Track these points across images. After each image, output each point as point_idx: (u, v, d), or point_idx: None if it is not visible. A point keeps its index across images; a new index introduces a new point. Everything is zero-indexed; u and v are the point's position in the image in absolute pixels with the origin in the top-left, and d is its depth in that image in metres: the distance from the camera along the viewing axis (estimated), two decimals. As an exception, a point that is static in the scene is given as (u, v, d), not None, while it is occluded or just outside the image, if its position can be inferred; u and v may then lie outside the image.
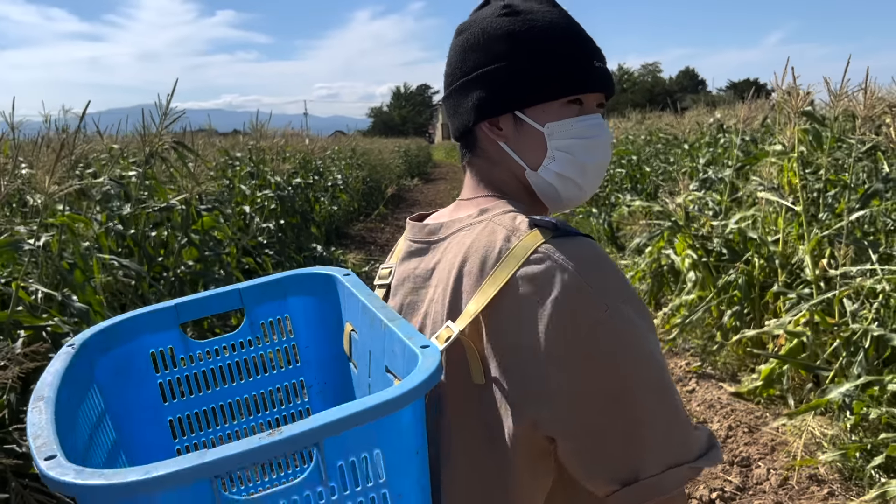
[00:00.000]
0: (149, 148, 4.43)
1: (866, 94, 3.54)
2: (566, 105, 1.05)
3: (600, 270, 0.92)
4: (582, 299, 0.89)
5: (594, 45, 1.09)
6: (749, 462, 3.41)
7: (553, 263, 0.91)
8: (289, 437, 0.71)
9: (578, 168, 1.07)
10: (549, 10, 1.08)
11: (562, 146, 1.06)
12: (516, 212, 1.03)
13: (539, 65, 1.04)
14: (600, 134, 1.07)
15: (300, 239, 8.31)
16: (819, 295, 3.78)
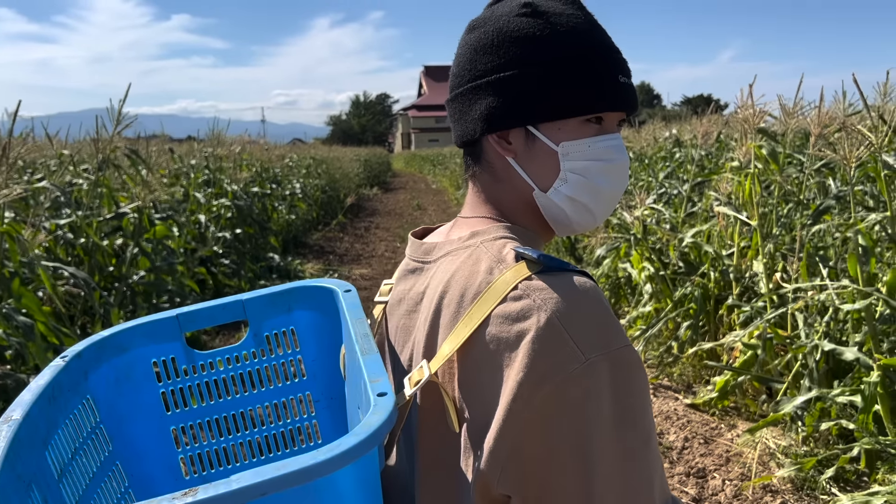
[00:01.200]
0: (101, 154, 4.32)
1: (819, 111, 3.62)
2: (584, 123, 0.95)
3: (584, 315, 0.82)
4: (556, 349, 0.79)
5: (620, 57, 0.98)
6: (705, 473, 3.44)
7: (531, 303, 0.83)
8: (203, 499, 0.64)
9: (592, 193, 0.97)
10: (573, 14, 0.97)
11: (576, 168, 0.96)
12: (508, 238, 0.95)
13: (559, 76, 0.93)
14: (619, 157, 0.97)
15: (257, 248, 8.19)
16: (772, 308, 3.84)
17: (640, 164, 9.58)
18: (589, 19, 0.98)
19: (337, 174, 17.83)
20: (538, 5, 0.97)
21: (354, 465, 0.71)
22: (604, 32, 0.98)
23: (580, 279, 0.86)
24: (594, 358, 0.79)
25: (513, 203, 1.01)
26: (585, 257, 7.51)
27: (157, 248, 4.83)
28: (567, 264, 0.88)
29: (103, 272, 4.40)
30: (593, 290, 0.85)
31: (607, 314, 0.83)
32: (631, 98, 0.97)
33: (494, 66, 0.96)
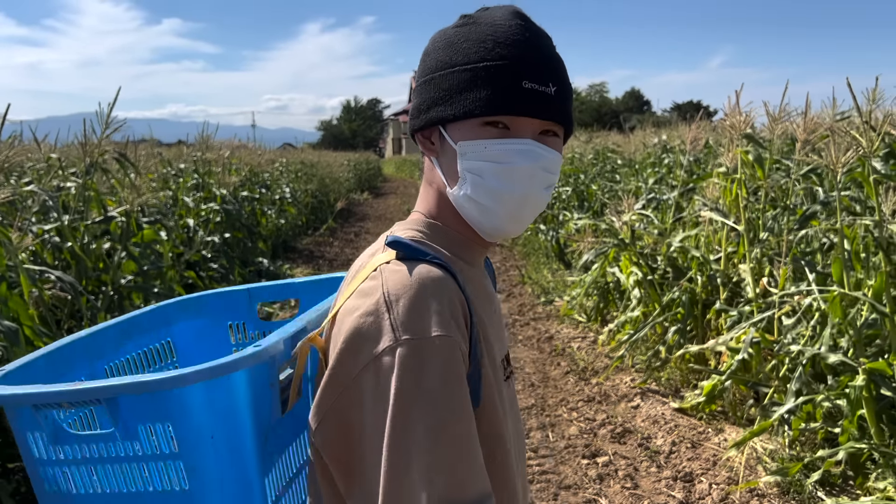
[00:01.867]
0: (89, 158, 4.31)
1: (806, 118, 3.65)
2: (483, 126, 0.99)
3: (411, 300, 0.91)
4: (378, 324, 0.90)
5: (533, 64, 0.99)
6: (692, 477, 3.45)
7: (378, 283, 0.94)
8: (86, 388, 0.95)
9: (490, 194, 1.00)
10: (501, 24, 1.01)
11: (472, 168, 1.00)
12: (405, 229, 1.05)
13: (462, 81, 1.00)
14: (519, 161, 0.99)
15: (246, 253, 8.17)
16: (759, 313, 3.86)
17: (629, 169, 9.62)
18: (516, 28, 1.01)
19: (327, 179, 17.81)
20: (474, 18, 1.04)
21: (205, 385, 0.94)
22: (529, 41, 1.00)
23: (427, 268, 0.95)
24: (404, 340, 0.88)
25: (438, 202, 1.08)
26: (574, 262, 7.53)
27: (144, 252, 4.81)
28: (426, 254, 0.98)
29: (90, 276, 4.38)
30: (432, 280, 0.94)
31: (434, 303, 0.91)
32: (536, 105, 0.98)
33: (423, 70, 1.06)
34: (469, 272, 1.06)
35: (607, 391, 4.58)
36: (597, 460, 3.67)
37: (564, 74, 1.03)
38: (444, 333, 0.90)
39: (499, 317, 1.13)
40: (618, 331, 5.32)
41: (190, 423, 0.96)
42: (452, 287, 0.95)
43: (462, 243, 1.07)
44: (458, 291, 0.96)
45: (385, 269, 0.96)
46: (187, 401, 0.96)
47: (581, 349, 5.47)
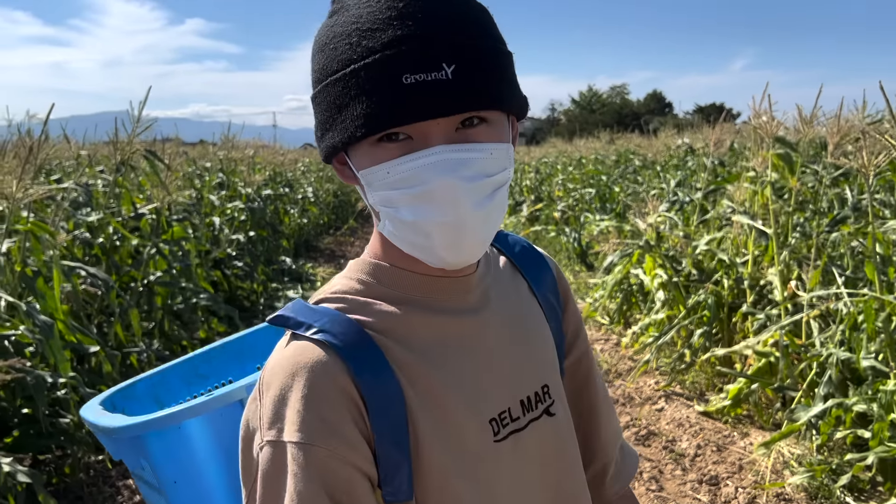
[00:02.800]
0: (119, 156, 4.37)
1: (839, 120, 3.63)
2: (377, 145, 0.77)
3: (277, 392, 0.79)
4: (254, 413, 0.81)
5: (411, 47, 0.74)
6: (717, 481, 3.44)
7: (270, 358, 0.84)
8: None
9: (412, 229, 0.78)
10: (367, 2, 0.78)
11: (381, 200, 0.79)
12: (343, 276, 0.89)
13: (333, 95, 0.78)
14: (432, 178, 0.75)
15: (269, 251, 8.23)
16: (787, 316, 3.84)
17: (651, 171, 9.58)
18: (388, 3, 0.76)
19: (348, 179, 17.87)
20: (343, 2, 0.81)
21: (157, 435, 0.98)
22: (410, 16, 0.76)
23: (301, 349, 0.80)
24: (266, 441, 0.78)
25: (377, 236, 0.89)
26: (597, 264, 7.52)
27: (172, 250, 4.87)
28: (308, 327, 0.81)
29: (121, 272, 4.44)
30: (301, 367, 0.79)
31: (295, 398, 0.77)
32: (427, 101, 0.74)
33: (311, 81, 0.84)
34: (419, 322, 0.85)
35: (631, 394, 4.57)
36: (621, 462, 3.66)
37: (470, 37, 0.77)
38: (298, 440, 0.76)
39: (492, 360, 0.89)
40: (641, 333, 5.30)
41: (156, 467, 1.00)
42: (330, 372, 0.78)
43: (418, 284, 0.86)
44: (340, 376, 0.78)
45: (278, 345, 0.85)
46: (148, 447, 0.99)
47: (604, 351, 5.46)
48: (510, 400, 0.90)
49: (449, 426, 0.84)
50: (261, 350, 1.32)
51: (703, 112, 40.90)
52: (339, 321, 0.82)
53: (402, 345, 0.83)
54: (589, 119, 46.47)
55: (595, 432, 1.05)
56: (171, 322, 4.74)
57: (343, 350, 0.79)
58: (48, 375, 3.00)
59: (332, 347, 0.80)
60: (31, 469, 2.85)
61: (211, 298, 4.98)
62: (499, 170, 0.79)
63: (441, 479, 0.83)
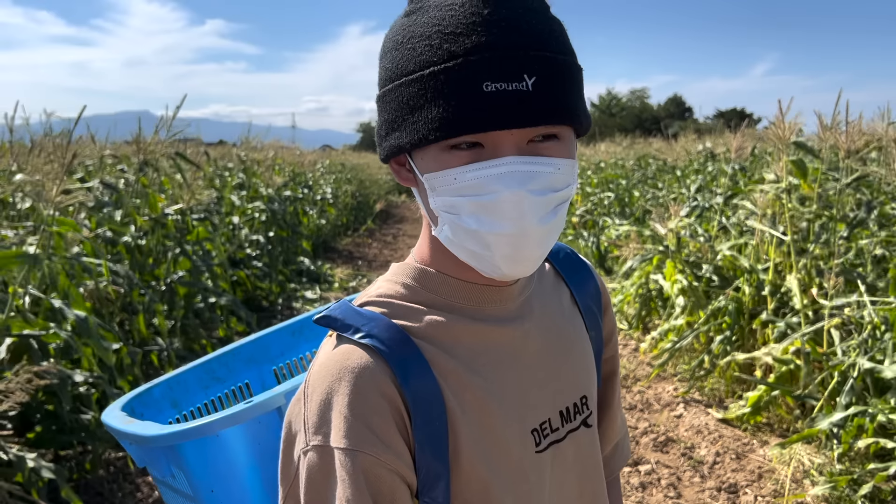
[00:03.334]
0: (143, 156, 4.42)
1: (859, 125, 3.60)
2: (448, 151, 0.77)
3: (322, 396, 0.79)
4: (297, 417, 0.81)
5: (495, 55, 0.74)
6: (736, 489, 3.41)
7: (313, 362, 0.84)
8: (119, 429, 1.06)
9: (473, 237, 0.78)
10: (451, 5, 0.76)
11: (445, 205, 0.79)
12: (387, 280, 0.89)
13: (407, 96, 0.77)
14: (502, 189, 0.75)
15: (288, 252, 8.27)
16: (807, 323, 3.80)
17: (671, 176, 9.53)
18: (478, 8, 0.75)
19: (366, 180, 17.95)
20: (423, 2, 0.80)
21: (195, 444, 0.97)
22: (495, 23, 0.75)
23: (348, 353, 0.80)
24: (312, 446, 0.78)
25: (430, 243, 0.87)
26: (616, 268, 7.48)
27: (194, 249, 4.91)
28: (355, 330, 0.81)
29: (143, 271, 4.49)
30: (349, 371, 0.78)
31: (342, 403, 0.77)
32: (507, 111, 0.73)
33: (378, 81, 0.84)
34: (462, 330, 0.85)
35: (649, 399, 4.55)
36: (639, 468, 3.65)
37: (550, 50, 0.76)
38: (344, 446, 0.76)
39: (533, 370, 0.89)
40: (660, 339, 5.27)
41: (192, 476, 0.99)
42: (375, 378, 0.78)
43: (465, 292, 0.86)
44: (384, 382, 0.78)
45: (323, 345, 0.85)
46: (184, 456, 0.98)
47: (623, 356, 5.43)
48: (551, 410, 0.90)
49: (491, 436, 0.83)
50: (276, 352, 1.32)
51: (723, 117, 40.63)
52: (385, 326, 0.81)
53: (446, 352, 0.82)
54: (608, 123, 46.32)
55: (604, 427, 1.07)
56: (192, 321, 4.79)
57: (389, 356, 0.79)
58: (73, 373, 3.04)
59: (378, 353, 0.79)
60: (54, 464, 2.89)
61: (231, 299, 5.02)
62: (564, 185, 0.79)
63: (481, 491, 0.82)
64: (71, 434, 3.27)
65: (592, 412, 0.95)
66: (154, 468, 1.05)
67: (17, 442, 2.76)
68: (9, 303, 2.69)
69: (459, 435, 0.81)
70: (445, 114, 0.74)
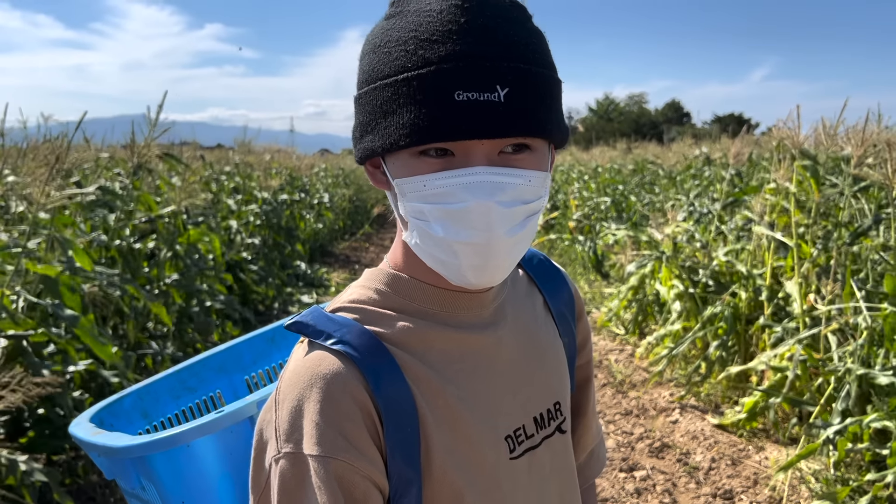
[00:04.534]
0: (137, 158, 4.40)
1: (864, 132, 3.59)
2: (418, 157, 0.77)
3: (294, 403, 0.78)
4: (269, 425, 0.80)
5: (468, 64, 0.73)
6: (732, 495, 3.40)
7: (284, 369, 0.83)
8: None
9: (440, 245, 0.78)
10: (429, 10, 0.76)
11: (413, 211, 0.79)
12: (359, 286, 0.88)
13: (380, 99, 0.77)
14: (468, 198, 0.75)
15: (284, 256, 8.26)
16: (805, 329, 3.79)
17: (668, 181, 9.53)
18: (456, 15, 0.75)
19: (364, 184, 17.94)
20: (403, 5, 0.79)
21: (164, 455, 0.95)
22: (470, 32, 0.74)
23: (319, 359, 0.79)
24: (284, 453, 0.77)
25: (403, 247, 0.87)
26: (612, 273, 7.48)
27: (188, 253, 4.89)
28: (327, 336, 0.80)
29: (137, 274, 4.47)
30: (320, 377, 0.78)
31: (314, 409, 0.77)
32: (477, 121, 0.73)
33: (357, 81, 0.83)
34: (435, 336, 0.84)
35: (645, 405, 4.53)
36: (634, 474, 3.63)
37: (525, 61, 0.76)
38: (317, 453, 0.75)
39: (508, 377, 0.89)
40: (657, 344, 5.26)
41: (162, 488, 0.97)
42: (347, 385, 0.77)
43: (437, 298, 0.85)
44: (356, 388, 0.77)
45: (294, 352, 0.84)
46: (154, 467, 0.96)
47: (619, 362, 5.42)
48: (524, 417, 0.89)
49: (464, 444, 0.83)
50: (248, 361, 1.30)
51: (721, 122, 40.69)
52: (357, 332, 0.81)
53: (418, 359, 0.82)
54: (606, 128, 46.34)
55: (579, 434, 1.07)
56: (186, 325, 4.76)
57: (361, 362, 0.78)
58: (74, 367, 3.02)
59: (350, 359, 0.79)
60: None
61: (226, 302, 5.00)
62: (534, 197, 0.79)
63: (453, 498, 0.82)
64: (64, 439, 3.24)
65: (566, 418, 0.95)
66: (123, 480, 1.03)
67: (10, 447, 2.74)
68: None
69: (431, 442, 0.80)
70: (416, 120, 0.74)
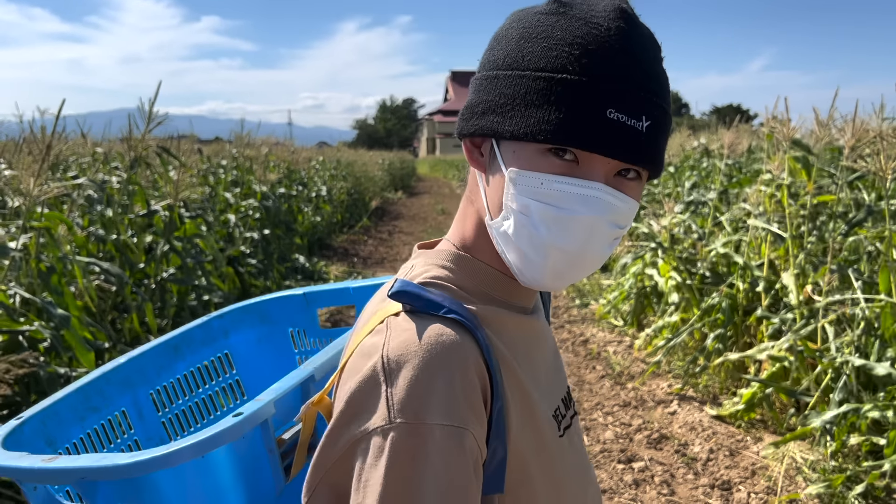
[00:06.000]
0: (133, 152, 4.39)
1: (854, 123, 3.59)
2: (544, 153, 0.78)
3: (412, 373, 0.74)
4: (373, 396, 0.75)
5: (626, 87, 0.76)
6: (730, 485, 3.41)
7: (381, 341, 0.78)
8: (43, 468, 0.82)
9: (535, 244, 0.79)
10: (597, 23, 0.78)
11: (520, 204, 0.79)
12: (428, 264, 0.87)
13: (527, 89, 0.78)
14: (581, 210, 0.77)
15: (283, 249, 8.25)
16: (802, 320, 3.80)
17: (666, 173, 9.51)
18: (622, 38, 0.78)
19: (362, 178, 17.91)
20: (567, 6, 0.81)
21: (171, 471, 0.83)
22: (633, 57, 0.78)
23: (439, 330, 0.77)
24: (399, 423, 0.73)
25: (475, 229, 0.88)
26: (611, 265, 7.48)
27: (186, 247, 4.89)
28: (440, 307, 0.79)
29: (133, 269, 4.46)
30: (443, 348, 0.76)
31: (440, 381, 0.74)
32: (620, 142, 0.76)
33: (489, 60, 0.84)
34: (505, 318, 0.87)
35: (643, 396, 4.54)
36: (633, 465, 3.64)
37: (665, 102, 0.80)
38: (448, 423, 0.73)
39: (550, 360, 0.95)
40: (655, 335, 5.27)
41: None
42: (469, 355, 0.77)
43: (501, 283, 0.88)
44: (476, 360, 0.78)
45: (392, 323, 0.80)
46: (159, 486, 0.85)
47: (617, 353, 5.43)
48: (559, 397, 0.94)
49: (531, 419, 0.85)
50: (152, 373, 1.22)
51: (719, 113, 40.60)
52: (459, 305, 0.81)
53: (497, 337, 0.83)
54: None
55: None
56: (185, 319, 4.76)
57: (476, 333, 0.79)
58: (61, 370, 3.02)
59: (467, 330, 0.79)
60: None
61: (224, 296, 4.99)
62: (626, 224, 0.83)
63: (521, 474, 0.82)
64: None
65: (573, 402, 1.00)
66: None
67: (6, 441, 2.74)
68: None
69: (510, 416, 0.81)
70: (564, 122, 0.76)
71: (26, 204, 3.06)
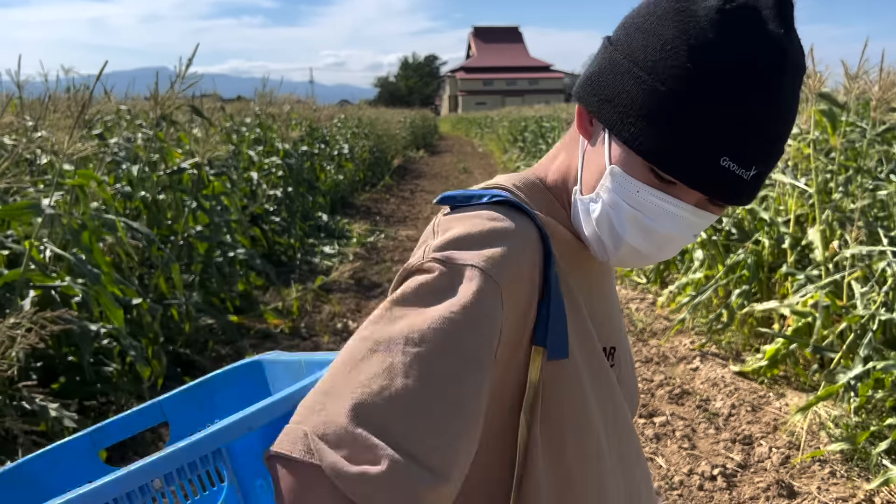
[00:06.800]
0: (160, 110, 4.41)
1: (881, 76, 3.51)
2: (649, 168, 0.79)
3: (461, 230, 0.79)
4: (418, 254, 0.80)
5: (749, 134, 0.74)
6: (751, 440, 3.43)
7: (430, 233, 0.83)
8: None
9: (613, 235, 0.83)
10: (758, 54, 0.73)
11: (611, 198, 0.82)
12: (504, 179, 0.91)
13: (654, 102, 0.76)
14: (666, 225, 0.80)
15: (306, 207, 8.30)
16: (828, 277, 3.77)
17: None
18: (775, 74, 0.74)
19: (384, 136, 17.86)
20: (736, 17, 0.74)
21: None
22: (773, 101, 0.75)
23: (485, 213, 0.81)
24: (429, 259, 0.76)
25: (559, 175, 0.92)
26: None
27: (213, 204, 4.94)
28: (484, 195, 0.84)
29: (160, 226, 4.52)
30: (502, 226, 0.80)
31: (487, 242, 0.77)
32: (721, 188, 0.77)
33: (628, 46, 0.80)
34: (568, 237, 0.89)
35: (666, 353, 4.55)
36: (654, 420, 3.67)
37: (780, 149, 0.79)
38: (482, 267, 0.74)
39: (608, 303, 0.97)
40: (678, 293, 5.26)
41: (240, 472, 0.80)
42: (528, 241, 0.80)
43: (566, 218, 0.91)
44: (535, 248, 0.81)
45: (440, 221, 0.85)
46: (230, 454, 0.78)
47: (640, 310, 5.43)
48: (611, 342, 0.94)
49: (584, 339, 0.87)
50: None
51: (747, 68, 39.54)
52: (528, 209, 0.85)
53: (556, 247, 0.85)
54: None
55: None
56: (212, 274, 4.83)
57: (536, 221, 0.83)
58: (93, 325, 3.09)
59: (527, 217, 0.83)
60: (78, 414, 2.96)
61: (248, 253, 5.05)
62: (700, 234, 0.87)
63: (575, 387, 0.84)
64: (93, 385, 3.34)
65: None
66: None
67: (42, 392, 2.83)
68: (25, 255, 2.72)
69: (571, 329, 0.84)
70: (677, 156, 0.76)
71: (59, 162, 3.10)
